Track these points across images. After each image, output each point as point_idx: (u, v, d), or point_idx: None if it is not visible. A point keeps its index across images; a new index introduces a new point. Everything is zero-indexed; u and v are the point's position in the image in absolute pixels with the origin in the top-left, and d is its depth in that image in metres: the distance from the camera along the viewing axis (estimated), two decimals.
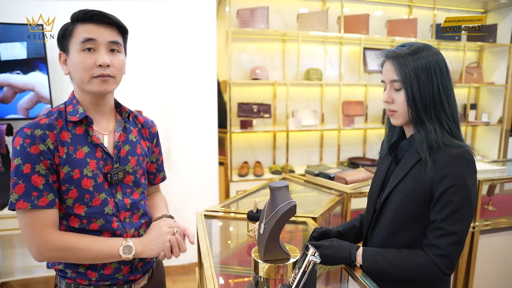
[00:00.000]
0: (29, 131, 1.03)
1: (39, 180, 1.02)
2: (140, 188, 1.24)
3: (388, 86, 1.15)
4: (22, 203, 1.01)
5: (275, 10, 3.70)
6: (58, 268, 1.15)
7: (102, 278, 1.15)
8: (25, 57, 2.64)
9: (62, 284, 1.16)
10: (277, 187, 1.08)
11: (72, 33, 1.08)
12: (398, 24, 3.89)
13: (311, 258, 0.92)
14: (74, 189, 1.08)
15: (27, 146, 1.02)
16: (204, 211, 1.75)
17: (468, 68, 4.27)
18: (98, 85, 1.09)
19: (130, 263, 1.18)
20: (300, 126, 3.73)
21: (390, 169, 1.26)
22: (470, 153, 1.08)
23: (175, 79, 3.03)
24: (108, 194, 1.13)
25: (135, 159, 1.21)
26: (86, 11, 1.06)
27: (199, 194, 3.17)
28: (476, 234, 2.28)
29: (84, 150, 1.10)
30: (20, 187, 1.01)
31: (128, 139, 1.22)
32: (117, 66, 1.12)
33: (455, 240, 1.05)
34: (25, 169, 1.01)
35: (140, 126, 1.30)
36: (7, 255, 2.93)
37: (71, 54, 1.09)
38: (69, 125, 1.10)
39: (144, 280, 1.25)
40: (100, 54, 1.07)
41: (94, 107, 1.16)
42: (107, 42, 1.09)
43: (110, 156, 1.15)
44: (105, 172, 1.13)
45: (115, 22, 1.10)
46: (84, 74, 1.08)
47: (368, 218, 1.27)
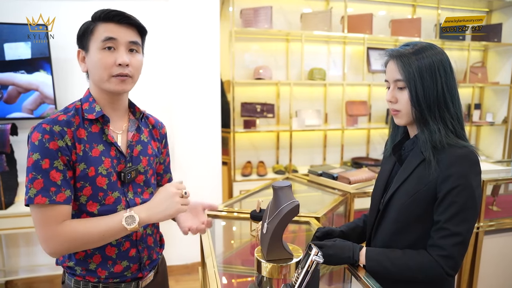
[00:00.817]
0: (48, 127, 1.03)
1: (57, 175, 1.03)
2: (150, 188, 1.25)
3: (392, 85, 1.15)
4: (40, 198, 1.00)
5: (278, 9, 3.69)
6: (67, 265, 1.16)
7: (112, 276, 1.15)
8: (29, 56, 2.65)
9: (71, 282, 1.17)
10: (280, 187, 1.07)
11: (93, 32, 1.09)
12: (402, 24, 3.88)
13: (314, 258, 0.91)
14: (89, 187, 1.08)
15: (46, 142, 1.02)
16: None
17: (472, 68, 4.25)
18: (116, 84, 1.10)
19: (139, 261, 1.19)
20: (303, 126, 3.73)
21: (394, 169, 1.25)
22: (474, 153, 1.07)
23: (179, 79, 3.04)
24: (120, 193, 1.14)
25: (146, 159, 1.22)
26: (108, 11, 1.07)
27: (203, 194, 3.17)
28: (481, 235, 2.27)
29: (100, 148, 1.11)
30: (39, 182, 1.01)
31: (140, 139, 1.23)
32: (135, 66, 1.13)
33: (459, 240, 1.04)
34: (44, 165, 1.01)
35: (151, 126, 1.31)
36: (11, 254, 2.95)
37: (91, 52, 1.09)
38: (85, 123, 1.11)
39: (150, 277, 1.26)
40: (120, 53, 1.08)
41: (110, 105, 1.16)
42: (127, 42, 1.10)
43: (124, 155, 1.16)
44: (118, 171, 1.14)
45: (135, 23, 1.12)
46: (104, 72, 1.08)
47: (372, 218, 1.27)
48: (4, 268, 2.90)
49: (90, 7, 2.79)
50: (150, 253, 1.24)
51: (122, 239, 1.15)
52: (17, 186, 2.78)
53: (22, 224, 2.60)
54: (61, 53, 2.80)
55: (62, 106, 2.83)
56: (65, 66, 2.84)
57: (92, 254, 1.13)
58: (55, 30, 2.71)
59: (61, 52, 2.80)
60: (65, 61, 2.83)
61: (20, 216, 2.58)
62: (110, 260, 1.15)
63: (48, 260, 2.97)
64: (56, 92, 2.79)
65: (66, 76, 2.86)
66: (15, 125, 2.67)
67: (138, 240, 1.19)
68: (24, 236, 2.94)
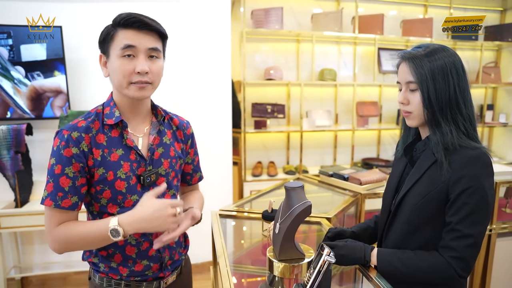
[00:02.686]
0: (67, 133, 1.07)
1: (67, 182, 1.06)
2: (171, 190, 1.25)
3: (404, 87, 1.15)
4: (48, 201, 1.06)
5: (289, 10, 3.70)
6: (92, 261, 1.19)
7: (133, 274, 1.18)
8: (44, 58, 2.70)
9: (96, 278, 1.20)
10: (293, 187, 1.08)
11: (113, 38, 1.09)
12: (413, 24, 3.86)
13: (326, 258, 0.92)
14: (108, 190, 1.11)
15: (61, 148, 1.06)
16: (219, 210, 1.77)
17: (485, 68, 4.20)
18: (136, 91, 1.11)
19: (160, 261, 1.21)
20: (314, 126, 3.73)
21: (405, 171, 1.25)
22: (487, 155, 1.07)
23: (190, 80, 3.06)
24: (140, 196, 1.14)
25: (168, 161, 1.23)
26: (128, 17, 1.07)
27: (213, 194, 3.17)
28: (493, 237, 2.24)
29: (119, 153, 1.13)
30: (50, 186, 1.07)
31: (162, 142, 1.23)
32: (155, 73, 1.12)
33: (471, 242, 1.04)
34: (56, 170, 1.06)
35: (174, 128, 1.30)
36: (26, 251, 3.01)
37: (111, 58, 1.10)
38: (105, 128, 1.13)
39: (172, 277, 1.27)
40: (139, 61, 1.08)
41: (131, 110, 1.18)
42: (146, 49, 1.09)
43: (144, 159, 1.17)
44: (138, 174, 1.15)
45: (156, 29, 1.11)
46: (123, 79, 1.09)
47: (383, 219, 1.27)
48: (20, 264, 2.96)
49: (103, 10, 2.83)
50: (172, 253, 1.25)
51: (141, 238, 1.17)
52: (31, 185, 2.83)
53: (37, 222, 2.65)
54: (74, 54, 2.85)
55: (75, 106, 2.88)
56: (78, 67, 2.89)
57: (113, 253, 1.16)
58: (68, 32, 2.77)
59: (75, 53, 2.85)
60: (78, 62, 2.88)
61: (35, 214, 2.64)
62: (131, 259, 1.17)
63: (61, 258, 3.03)
64: (70, 92, 2.83)
65: (80, 77, 2.91)
66: (30, 125, 2.72)
67: None
68: (38, 234, 3.00)
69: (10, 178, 2.69)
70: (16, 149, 2.65)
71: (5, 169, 2.65)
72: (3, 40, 2.59)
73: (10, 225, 2.64)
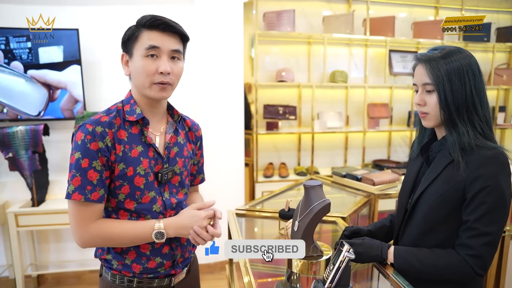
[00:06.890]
0: (91, 127, 1.09)
1: (95, 175, 1.09)
2: (184, 188, 1.29)
3: (420, 89, 1.16)
4: (77, 195, 1.08)
5: (300, 12, 3.72)
6: (105, 258, 1.21)
7: (146, 271, 1.20)
8: (61, 60, 2.76)
9: (108, 275, 1.23)
10: (312, 186, 1.11)
11: (137, 38, 1.12)
12: (424, 26, 3.86)
13: (346, 254, 0.95)
14: (127, 185, 1.14)
15: (87, 142, 1.08)
16: (235, 209, 1.80)
17: (497, 70, 4.18)
18: (157, 91, 1.15)
19: (173, 258, 1.24)
20: (325, 128, 3.75)
21: (421, 170, 1.27)
22: (504, 155, 1.08)
23: (204, 81, 3.10)
24: (157, 193, 1.19)
25: (182, 160, 1.26)
26: (153, 19, 1.11)
27: (225, 195, 3.21)
28: (507, 239, 2.23)
29: (138, 149, 1.16)
30: (77, 180, 1.08)
31: (177, 141, 1.27)
32: (176, 74, 1.17)
33: (488, 240, 1.05)
34: (83, 164, 1.08)
35: (187, 129, 1.35)
36: (42, 249, 3.07)
37: (135, 58, 1.13)
38: (126, 124, 1.16)
39: (182, 274, 1.30)
40: (162, 61, 1.12)
41: (149, 109, 1.21)
42: (169, 50, 1.13)
43: (161, 157, 1.20)
44: (155, 171, 1.18)
45: (179, 31, 1.16)
46: (146, 79, 1.13)
47: (399, 218, 1.29)
48: (36, 262, 3.02)
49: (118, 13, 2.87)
50: (183, 251, 1.28)
51: None
52: (48, 184, 2.89)
53: (53, 221, 2.71)
54: (90, 56, 2.91)
55: (90, 107, 2.94)
56: (93, 68, 2.95)
57: (128, 250, 1.19)
58: (85, 34, 2.82)
59: (91, 55, 2.91)
60: (93, 64, 2.94)
61: (51, 213, 2.70)
62: (144, 256, 1.20)
63: (76, 256, 3.08)
64: (86, 93, 2.89)
65: (95, 78, 2.96)
66: (47, 125, 2.78)
67: (172, 238, 1.23)
68: (54, 233, 3.06)
69: (27, 177, 2.75)
70: (34, 149, 2.71)
71: (23, 168, 2.71)
72: (22, 43, 2.66)
73: (27, 224, 2.70)
